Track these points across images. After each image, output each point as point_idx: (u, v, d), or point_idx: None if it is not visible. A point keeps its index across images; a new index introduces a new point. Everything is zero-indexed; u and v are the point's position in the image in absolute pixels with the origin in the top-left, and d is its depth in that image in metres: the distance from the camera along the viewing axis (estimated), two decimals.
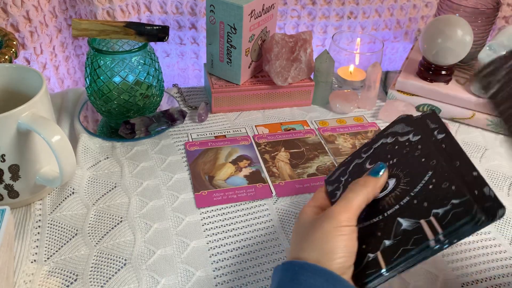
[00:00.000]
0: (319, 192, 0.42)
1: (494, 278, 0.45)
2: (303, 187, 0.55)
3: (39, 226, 0.48)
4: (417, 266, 0.33)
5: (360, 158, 0.43)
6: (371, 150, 0.42)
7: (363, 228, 0.36)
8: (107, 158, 0.58)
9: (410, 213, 0.34)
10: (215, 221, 0.50)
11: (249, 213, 0.51)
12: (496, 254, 0.48)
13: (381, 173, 0.38)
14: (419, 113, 0.42)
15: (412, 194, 0.35)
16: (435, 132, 0.38)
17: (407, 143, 0.39)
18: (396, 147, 0.40)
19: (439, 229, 0.31)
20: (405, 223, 0.34)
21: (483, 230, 0.49)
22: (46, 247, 0.46)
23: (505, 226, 0.51)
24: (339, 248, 0.33)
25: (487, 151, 0.64)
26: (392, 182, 0.38)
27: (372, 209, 0.37)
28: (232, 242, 0.48)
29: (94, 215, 0.50)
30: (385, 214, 0.36)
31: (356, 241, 0.34)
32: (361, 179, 0.38)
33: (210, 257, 0.46)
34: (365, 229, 0.36)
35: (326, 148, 0.62)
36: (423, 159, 0.37)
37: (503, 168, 0.60)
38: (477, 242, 0.49)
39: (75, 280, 0.43)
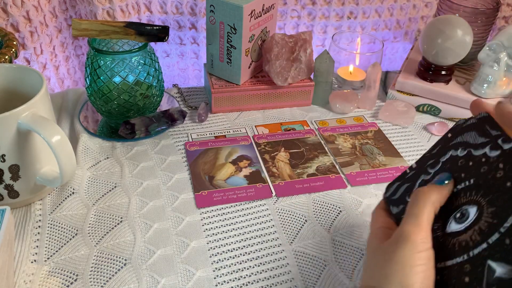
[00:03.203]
0: (380, 213, 0.39)
1: None
2: (303, 187, 0.55)
3: (39, 226, 0.48)
4: None
5: (427, 173, 0.37)
6: (439, 165, 0.36)
7: (445, 269, 0.31)
8: (107, 158, 0.58)
9: (504, 256, 0.27)
10: (215, 221, 0.50)
11: (249, 213, 0.51)
12: None
13: (446, 182, 0.34)
14: (475, 116, 0.36)
15: (502, 230, 0.28)
16: (499, 141, 0.32)
17: (483, 159, 0.32)
18: (471, 163, 0.33)
19: None
20: (499, 269, 0.27)
21: None
22: (46, 247, 0.46)
23: None
24: (417, 283, 0.30)
25: None
26: (473, 211, 0.31)
27: (451, 243, 0.31)
28: (232, 242, 0.48)
29: (94, 215, 0.50)
30: (471, 254, 0.29)
31: (433, 270, 0.31)
32: (423, 188, 0.34)
33: (210, 257, 0.46)
34: (448, 271, 0.31)
35: (326, 148, 0.62)
36: (508, 183, 0.29)
37: None
38: None
39: (75, 280, 0.43)
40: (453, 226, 0.32)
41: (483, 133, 0.33)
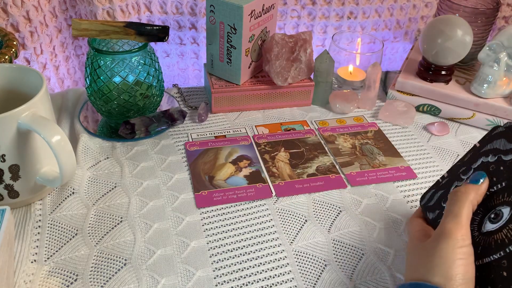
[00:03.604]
0: (416, 221, 0.41)
1: None
2: (303, 187, 0.55)
3: (39, 226, 0.48)
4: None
5: (460, 180, 0.39)
6: (471, 171, 0.38)
7: (483, 266, 0.33)
8: (107, 158, 0.58)
9: None
10: (215, 221, 0.50)
11: (249, 213, 0.51)
12: None
13: (481, 180, 0.36)
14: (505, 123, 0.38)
15: None
16: None
17: None
18: (502, 168, 0.36)
19: None
20: None
21: None
22: (46, 247, 0.46)
23: None
24: (460, 274, 0.33)
25: None
26: (506, 212, 0.33)
27: (488, 242, 0.33)
28: (232, 242, 0.48)
29: (94, 215, 0.50)
30: (507, 250, 0.32)
31: (473, 265, 0.33)
32: (460, 188, 0.36)
33: (210, 257, 0.46)
34: (487, 267, 0.33)
35: (326, 148, 0.62)
36: None
37: None
38: None
39: (75, 280, 0.43)
40: (488, 226, 0.34)
41: (511, 139, 0.36)
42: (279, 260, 0.46)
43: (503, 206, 0.34)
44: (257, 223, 0.50)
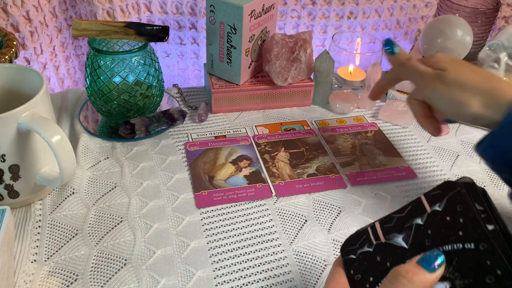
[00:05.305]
0: (339, 273, 0.33)
1: None
2: (303, 187, 0.55)
3: (39, 226, 0.48)
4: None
5: (399, 252, 0.30)
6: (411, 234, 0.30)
7: None
8: (107, 158, 0.58)
9: None
10: (215, 221, 0.50)
11: (249, 213, 0.51)
12: None
13: (437, 267, 0.27)
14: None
15: None
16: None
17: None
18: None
19: None
20: None
21: None
22: (46, 247, 0.46)
23: None
24: None
25: None
26: None
27: None
28: (232, 242, 0.48)
29: (94, 215, 0.50)
30: None
31: None
32: (403, 269, 0.27)
33: (210, 257, 0.46)
34: None
35: (326, 148, 0.62)
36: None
37: None
38: None
39: (75, 280, 0.43)
40: None
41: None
42: (279, 260, 0.46)
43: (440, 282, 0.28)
44: (257, 223, 0.50)
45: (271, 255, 0.47)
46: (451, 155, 0.63)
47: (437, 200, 0.30)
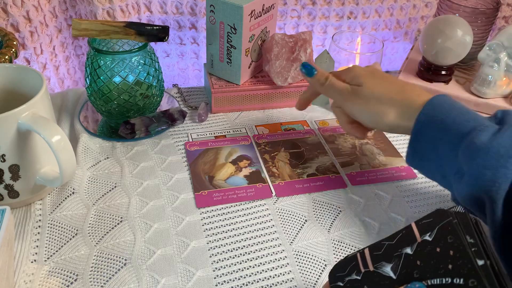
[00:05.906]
0: None
1: None
2: (303, 187, 0.55)
3: (39, 226, 0.48)
4: None
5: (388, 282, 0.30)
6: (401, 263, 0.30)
7: None
8: (107, 158, 0.58)
9: None
10: (215, 221, 0.50)
11: (249, 213, 0.51)
12: None
13: None
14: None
15: None
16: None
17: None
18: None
19: None
20: None
21: None
22: (46, 247, 0.46)
23: None
24: None
25: None
26: None
27: None
28: (232, 242, 0.48)
29: (94, 215, 0.50)
30: None
31: None
32: None
33: (210, 257, 0.46)
34: None
35: (326, 148, 0.62)
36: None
37: None
38: None
39: (75, 280, 0.43)
40: None
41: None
42: (279, 260, 0.46)
43: None
44: (257, 223, 0.50)
45: (271, 255, 0.47)
46: None
47: (428, 229, 0.29)
